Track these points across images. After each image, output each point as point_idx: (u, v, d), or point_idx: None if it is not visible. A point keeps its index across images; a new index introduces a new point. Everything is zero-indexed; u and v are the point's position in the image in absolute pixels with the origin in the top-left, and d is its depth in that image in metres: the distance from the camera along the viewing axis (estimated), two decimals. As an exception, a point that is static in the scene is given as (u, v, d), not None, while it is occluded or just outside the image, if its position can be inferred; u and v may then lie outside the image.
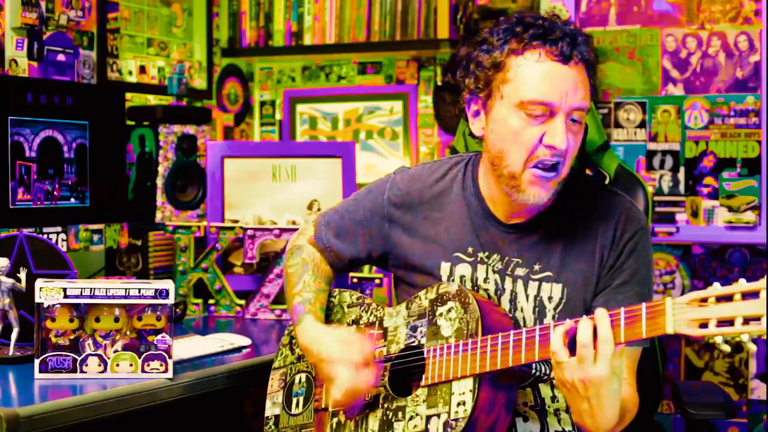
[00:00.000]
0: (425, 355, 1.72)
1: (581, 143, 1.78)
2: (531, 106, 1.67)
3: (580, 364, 1.50)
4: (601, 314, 1.50)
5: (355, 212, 1.97)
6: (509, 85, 1.70)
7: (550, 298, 1.78)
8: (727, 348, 1.39)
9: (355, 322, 1.89)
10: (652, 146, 3.23)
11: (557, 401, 1.77)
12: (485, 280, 1.81)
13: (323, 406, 1.85)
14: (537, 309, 1.78)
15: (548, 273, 1.78)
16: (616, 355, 1.50)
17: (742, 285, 1.36)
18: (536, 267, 1.79)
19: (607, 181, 2.37)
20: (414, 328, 1.77)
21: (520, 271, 1.79)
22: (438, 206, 1.88)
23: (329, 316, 1.95)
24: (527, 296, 1.79)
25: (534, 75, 1.68)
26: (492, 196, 1.83)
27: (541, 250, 1.79)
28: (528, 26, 1.70)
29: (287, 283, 2.00)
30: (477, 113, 1.79)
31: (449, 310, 1.71)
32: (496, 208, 1.82)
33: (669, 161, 3.21)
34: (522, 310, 1.78)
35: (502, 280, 1.80)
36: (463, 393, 1.63)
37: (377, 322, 1.85)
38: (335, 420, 1.82)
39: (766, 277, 1.34)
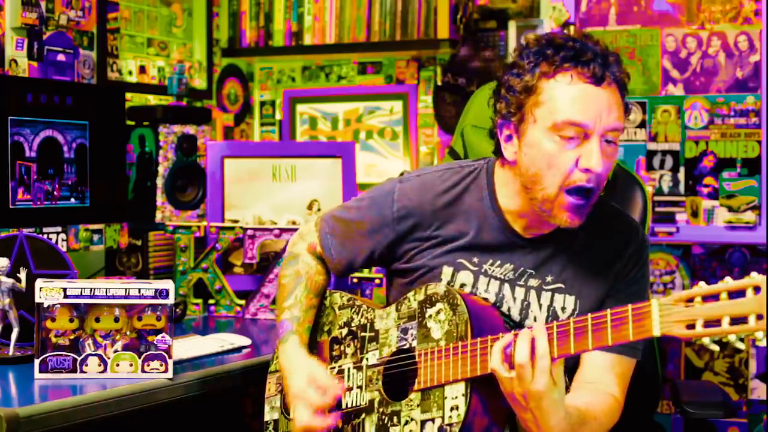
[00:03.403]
0: (417, 359, 1.72)
1: None
2: (565, 127, 1.66)
3: (519, 380, 1.53)
4: (538, 328, 1.54)
5: (360, 224, 1.93)
6: (542, 107, 1.68)
7: (563, 309, 1.80)
8: (715, 347, 1.37)
9: (347, 324, 1.89)
10: (652, 146, 3.23)
11: None
12: (485, 291, 1.81)
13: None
14: (550, 319, 1.79)
15: (560, 285, 1.80)
16: (557, 365, 1.53)
17: (728, 283, 1.34)
18: (549, 278, 1.80)
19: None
20: (405, 331, 1.76)
21: (533, 282, 1.80)
22: (449, 216, 1.85)
23: (320, 317, 1.96)
24: (540, 306, 1.80)
25: (566, 97, 1.66)
26: (511, 209, 1.81)
27: (554, 262, 1.81)
28: (559, 48, 1.68)
29: (279, 292, 2.00)
30: (509, 138, 1.76)
31: (438, 312, 1.71)
32: (514, 221, 1.81)
33: (669, 161, 3.21)
34: (535, 320, 1.79)
35: (512, 290, 1.81)
36: (456, 397, 1.63)
37: (368, 324, 1.85)
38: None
39: (765, 276, 1.32)
